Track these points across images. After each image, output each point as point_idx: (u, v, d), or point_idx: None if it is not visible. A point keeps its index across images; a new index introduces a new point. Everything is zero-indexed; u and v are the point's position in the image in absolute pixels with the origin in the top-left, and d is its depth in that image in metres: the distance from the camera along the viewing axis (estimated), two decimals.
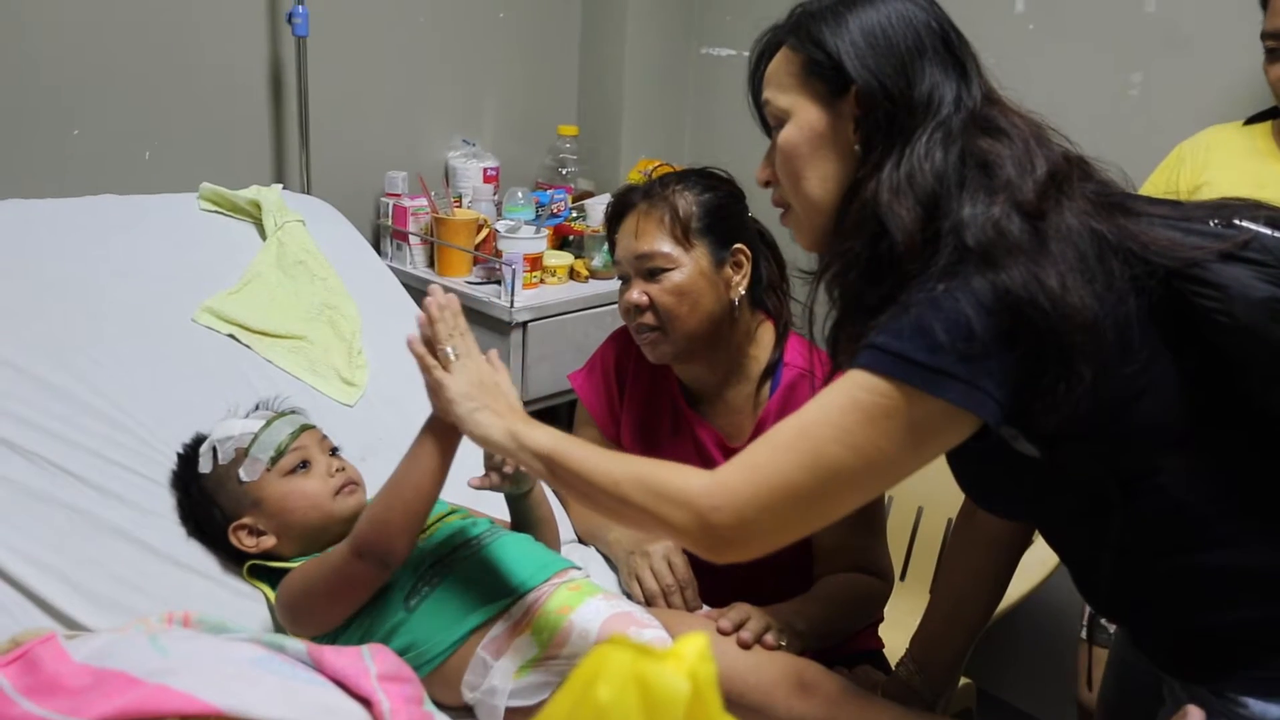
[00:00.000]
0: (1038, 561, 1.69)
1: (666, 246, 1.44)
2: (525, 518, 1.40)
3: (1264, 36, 1.54)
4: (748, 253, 1.48)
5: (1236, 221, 0.93)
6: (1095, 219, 0.92)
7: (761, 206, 1.19)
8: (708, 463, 1.52)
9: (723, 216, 1.47)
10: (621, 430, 1.61)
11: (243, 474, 1.30)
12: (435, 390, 1.16)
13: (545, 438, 1.06)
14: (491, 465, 1.31)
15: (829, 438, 0.90)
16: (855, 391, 0.90)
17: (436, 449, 1.18)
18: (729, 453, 1.51)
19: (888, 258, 0.94)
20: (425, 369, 1.16)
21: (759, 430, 1.50)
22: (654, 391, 1.58)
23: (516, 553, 1.28)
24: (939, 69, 0.97)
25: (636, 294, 1.46)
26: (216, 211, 1.85)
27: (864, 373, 0.90)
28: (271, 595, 1.28)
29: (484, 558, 1.26)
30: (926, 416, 0.88)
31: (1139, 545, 0.97)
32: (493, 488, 1.32)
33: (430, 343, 1.17)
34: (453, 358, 1.15)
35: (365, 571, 1.19)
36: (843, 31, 0.99)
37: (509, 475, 1.31)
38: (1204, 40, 1.88)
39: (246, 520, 1.30)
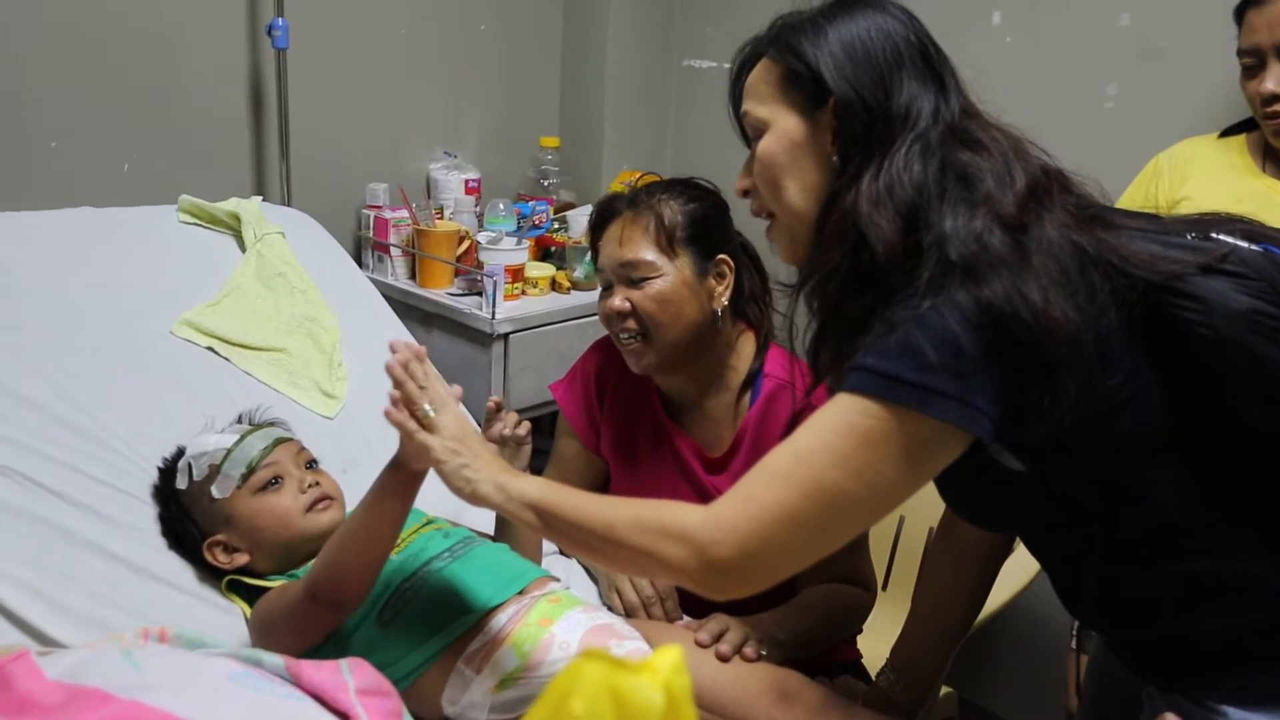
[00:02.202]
0: (1019, 570, 1.69)
1: (650, 255, 1.45)
2: None
3: (1240, 54, 1.56)
4: (731, 264, 1.49)
5: (1213, 235, 0.94)
6: (1075, 232, 0.92)
7: (745, 219, 1.20)
8: (687, 473, 1.52)
9: (707, 227, 1.48)
10: (601, 441, 1.61)
11: (214, 491, 1.29)
12: (420, 453, 1.10)
13: (532, 488, 1.04)
14: (489, 437, 1.30)
15: (826, 463, 0.89)
16: (849, 415, 0.89)
17: (397, 496, 1.15)
18: (708, 463, 1.52)
19: (868, 269, 0.94)
20: (407, 436, 1.10)
21: (738, 441, 1.50)
22: (634, 402, 1.58)
23: (491, 563, 1.28)
24: (917, 82, 0.98)
25: (619, 300, 1.46)
26: (195, 224, 1.84)
27: (856, 396, 0.89)
28: (248, 611, 1.27)
29: (458, 570, 1.26)
30: (922, 436, 0.88)
31: (1122, 555, 0.98)
32: None
33: (407, 402, 1.11)
34: (431, 415, 1.10)
35: (319, 613, 1.17)
36: (822, 43, 0.99)
37: (508, 439, 1.31)
38: (1177, 52, 1.91)
39: (220, 537, 1.29)
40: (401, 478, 1.14)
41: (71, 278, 1.60)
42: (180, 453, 1.36)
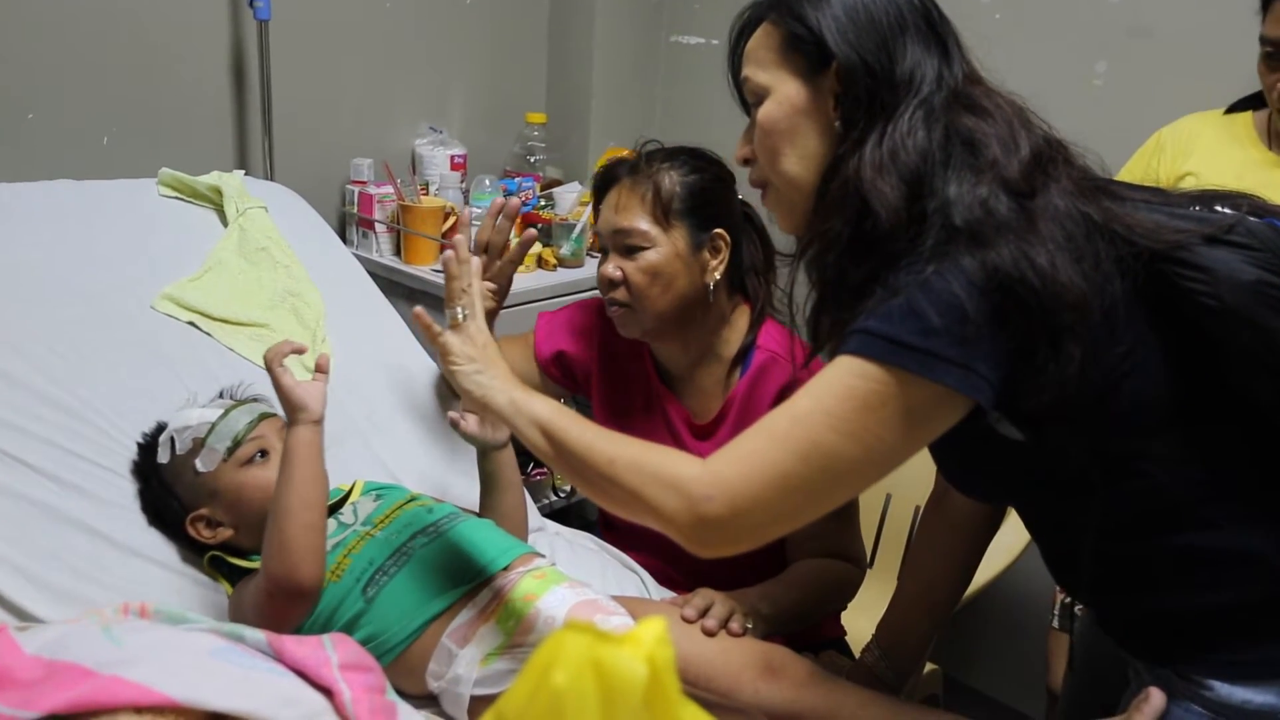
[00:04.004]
0: (1003, 548, 1.70)
1: (644, 224, 1.44)
2: (495, 478, 1.40)
3: (1262, 41, 1.53)
4: (727, 238, 1.47)
5: (1218, 208, 0.93)
6: (1081, 200, 0.92)
7: (753, 190, 1.19)
8: (676, 440, 1.53)
9: (706, 199, 1.46)
10: (593, 400, 1.62)
11: (199, 464, 1.28)
12: (441, 353, 1.15)
13: (543, 408, 1.04)
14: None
15: (824, 425, 0.89)
16: (848, 378, 0.89)
17: (307, 455, 1.15)
18: (695, 429, 1.53)
19: (871, 237, 0.93)
20: (431, 337, 1.15)
21: (725, 410, 1.51)
22: (630, 366, 1.59)
23: (477, 538, 1.27)
24: (921, 46, 0.97)
25: (611, 268, 1.46)
26: (176, 198, 1.82)
27: (856, 358, 0.89)
28: (230, 589, 1.26)
29: (443, 544, 1.25)
30: (922, 401, 0.87)
31: (1118, 527, 0.98)
32: (469, 432, 1.36)
33: (446, 298, 1.18)
34: (460, 319, 1.15)
35: (285, 607, 1.15)
36: (824, 7, 0.98)
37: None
38: (1166, 29, 1.90)
39: (204, 511, 1.28)
40: (304, 437, 1.16)
41: (50, 251, 1.58)
42: (161, 428, 1.35)
